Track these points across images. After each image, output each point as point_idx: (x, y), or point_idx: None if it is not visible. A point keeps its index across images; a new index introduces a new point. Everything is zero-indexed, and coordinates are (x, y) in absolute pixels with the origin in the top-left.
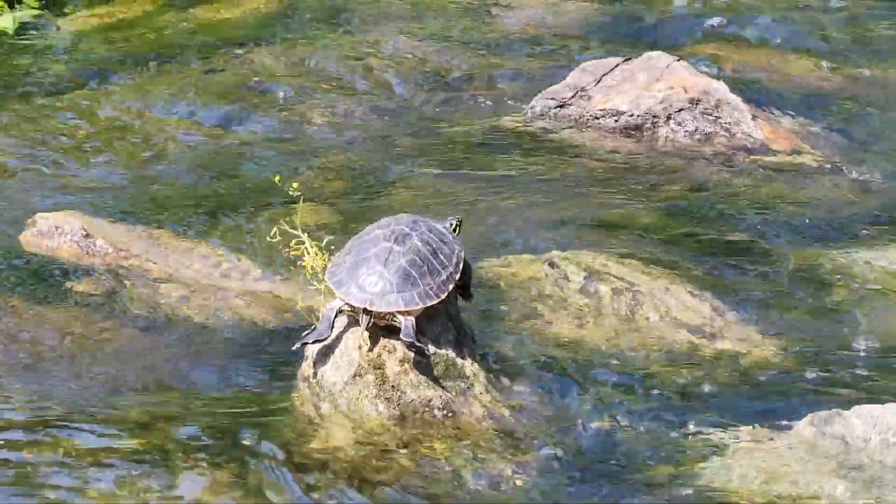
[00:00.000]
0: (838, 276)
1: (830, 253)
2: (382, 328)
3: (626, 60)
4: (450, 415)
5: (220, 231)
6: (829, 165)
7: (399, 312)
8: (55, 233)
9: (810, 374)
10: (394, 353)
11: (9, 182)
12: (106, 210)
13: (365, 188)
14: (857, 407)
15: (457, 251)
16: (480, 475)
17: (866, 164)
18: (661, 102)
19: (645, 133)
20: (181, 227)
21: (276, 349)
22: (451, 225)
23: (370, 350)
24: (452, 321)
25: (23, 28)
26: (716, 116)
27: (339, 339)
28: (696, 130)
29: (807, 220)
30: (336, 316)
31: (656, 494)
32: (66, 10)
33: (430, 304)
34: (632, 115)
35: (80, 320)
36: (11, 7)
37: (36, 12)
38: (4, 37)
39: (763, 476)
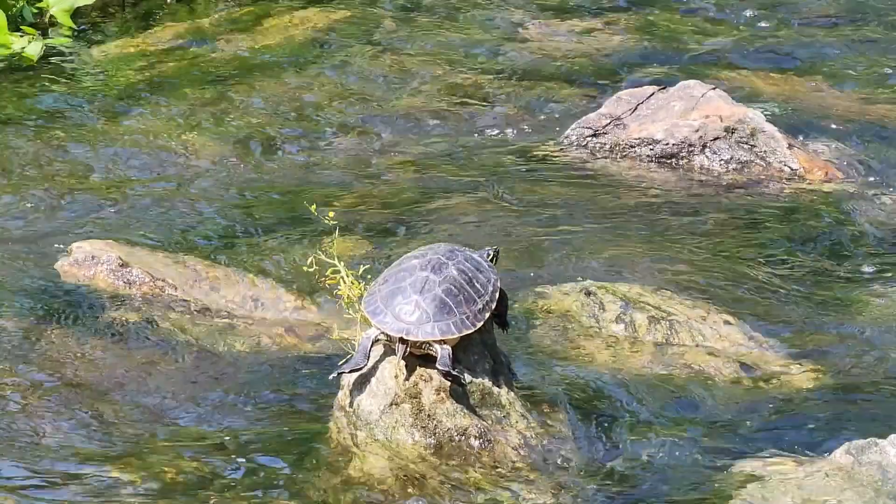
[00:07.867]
0: (875, 304)
1: (866, 280)
2: (419, 357)
3: (661, 89)
4: (486, 444)
5: (255, 260)
6: (865, 194)
7: (435, 341)
8: (91, 262)
9: (846, 403)
10: (430, 382)
11: (44, 211)
12: (142, 239)
13: (401, 217)
14: (893, 436)
15: (493, 280)
16: None
17: None
18: (696, 131)
19: (680, 162)
20: (217, 256)
21: (313, 378)
22: (489, 255)
23: (406, 379)
24: (489, 350)
25: (54, 56)
26: (751, 145)
27: (375, 368)
28: (731, 159)
29: (844, 248)
30: (372, 345)
31: None
32: (98, 38)
33: (466, 332)
34: (667, 144)
35: (115, 350)
36: (45, 35)
37: (68, 41)
38: (34, 64)
39: None
